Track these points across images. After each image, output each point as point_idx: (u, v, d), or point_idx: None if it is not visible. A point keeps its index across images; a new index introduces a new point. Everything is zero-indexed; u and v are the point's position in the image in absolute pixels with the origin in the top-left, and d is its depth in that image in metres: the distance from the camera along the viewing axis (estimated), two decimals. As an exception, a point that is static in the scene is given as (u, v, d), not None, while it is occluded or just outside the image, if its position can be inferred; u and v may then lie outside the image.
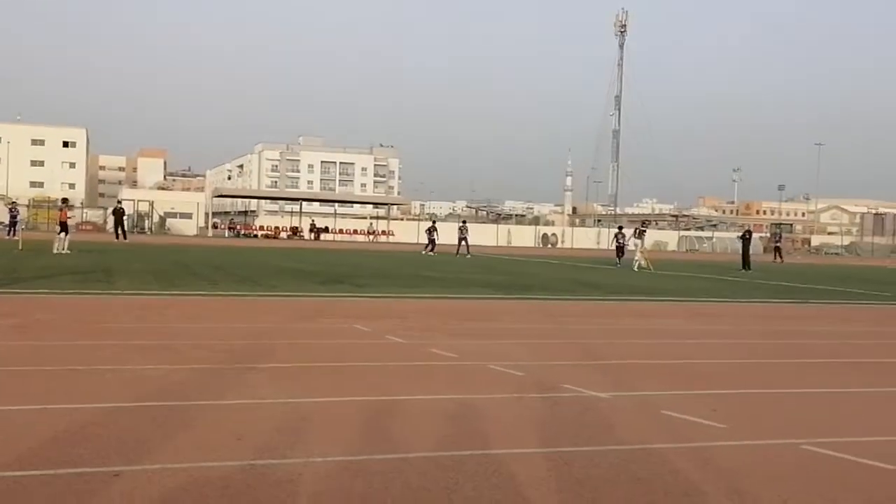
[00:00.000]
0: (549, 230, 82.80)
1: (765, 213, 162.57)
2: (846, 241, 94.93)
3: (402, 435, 5.23)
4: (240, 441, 4.88)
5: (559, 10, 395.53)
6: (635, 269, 29.51)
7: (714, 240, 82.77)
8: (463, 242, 40.90)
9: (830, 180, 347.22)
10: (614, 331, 11.56)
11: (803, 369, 8.91)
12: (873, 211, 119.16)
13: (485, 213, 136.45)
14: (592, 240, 75.71)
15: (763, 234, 70.62)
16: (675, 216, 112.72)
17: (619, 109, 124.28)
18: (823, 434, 5.67)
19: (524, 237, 76.89)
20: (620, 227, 45.08)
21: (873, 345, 11.15)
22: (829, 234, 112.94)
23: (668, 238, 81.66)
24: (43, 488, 3.92)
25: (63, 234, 27.04)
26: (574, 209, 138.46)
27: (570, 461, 4.76)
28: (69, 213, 29.27)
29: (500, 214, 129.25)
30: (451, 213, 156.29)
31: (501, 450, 4.92)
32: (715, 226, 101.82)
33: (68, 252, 26.23)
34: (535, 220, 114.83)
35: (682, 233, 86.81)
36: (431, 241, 41.79)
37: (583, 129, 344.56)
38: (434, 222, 48.99)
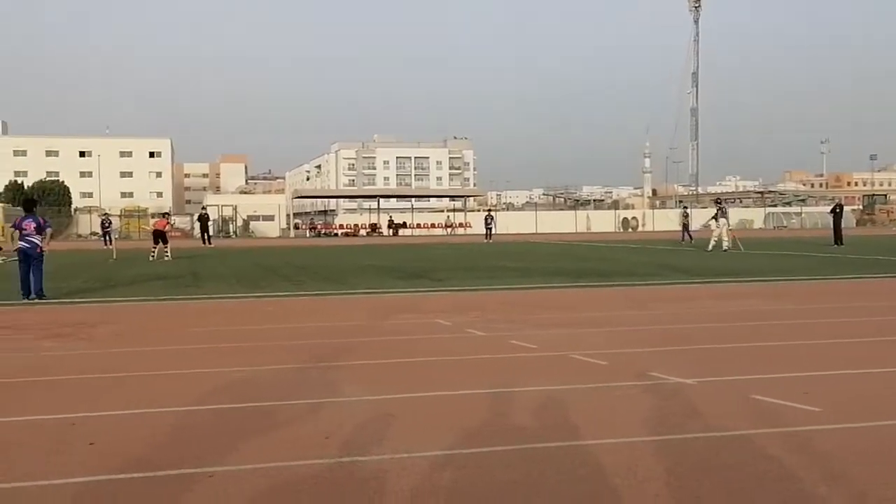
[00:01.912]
0: (628, 214, 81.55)
1: (856, 184, 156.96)
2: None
3: (487, 428, 5.25)
4: (328, 439, 4.97)
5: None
6: (710, 249, 28.71)
7: (803, 215, 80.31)
8: (489, 230, 48.53)
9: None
10: (699, 315, 11.36)
11: (900, 347, 8.60)
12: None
13: (562, 199, 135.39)
14: (674, 222, 74.12)
15: (855, 207, 68.25)
16: (761, 193, 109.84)
17: (697, 86, 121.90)
18: (923, 414, 5.47)
19: (603, 222, 75.99)
20: (685, 207, 45.23)
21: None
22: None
23: (754, 216, 79.61)
24: (144, 489, 4.06)
25: (162, 244, 28.26)
26: (654, 191, 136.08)
27: (657, 450, 4.70)
28: (167, 224, 30.50)
29: (577, 200, 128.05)
30: (527, 202, 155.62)
31: (587, 440, 4.90)
32: (803, 200, 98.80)
33: (168, 258, 27.48)
34: (615, 205, 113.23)
35: (769, 209, 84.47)
36: (489, 230, 48.25)
37: (660, 110, 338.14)
38: (490, 212, 57.44)
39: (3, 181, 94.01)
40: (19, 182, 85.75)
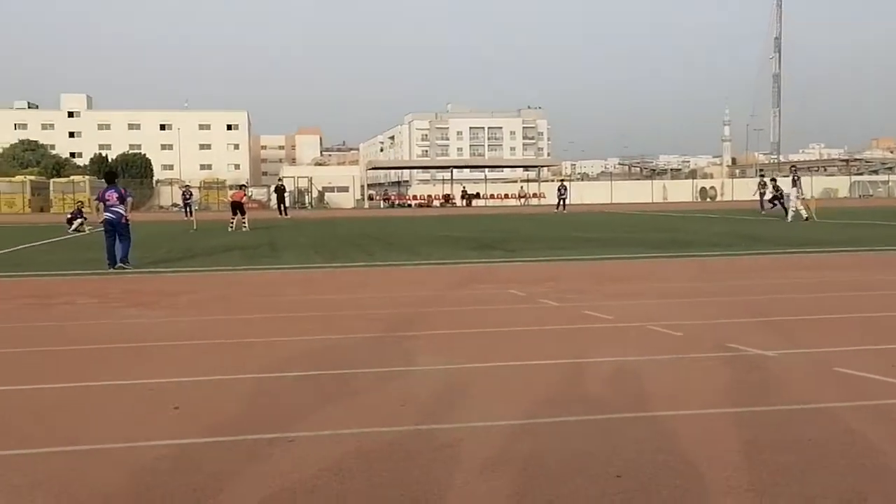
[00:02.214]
0: (707, 183, 79.90)
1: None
2: None
3: (562, 399, 5.24)
4: (403, 407, 5.03)
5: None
6: (788, 219, 28.00)
7: (890, 184, 77.57)
8: (562, 201, 47.18)
9: None
10: (780, 285, 11.09)
11: None
12: None
13: (638, 169, 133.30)
14: (754, 191, 72.52)
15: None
16: (846, 161, 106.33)
17: (780, 52, 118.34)
18: None
19: (681, 192, 74.61)
20: (762, 176, 43.53)
21: None
22: None
23: (839, 184, 77.20)
24: (227, 454, 4.18)
25: (240, 215, 28.73)
26: (733, 160, 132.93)
27: (736, 422, 4.63)
28: (244, 195, 30.94)
29: (654, 170, 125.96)
30: (602, 172, 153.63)
31: (664, 412, 4.85)
32: (891, 169, 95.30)
33: (246, 229, 27.93)
34: (692, 174, 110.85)
35: (854, 178, 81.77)
36: (562, 200, 47.12)
37: (740, 76, 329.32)
38: (563, 181, 57.66)
39: (88, 154, 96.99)
40: (104, 155, 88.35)
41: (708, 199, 72.07)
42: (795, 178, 29.83)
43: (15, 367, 6.44)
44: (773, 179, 37.89)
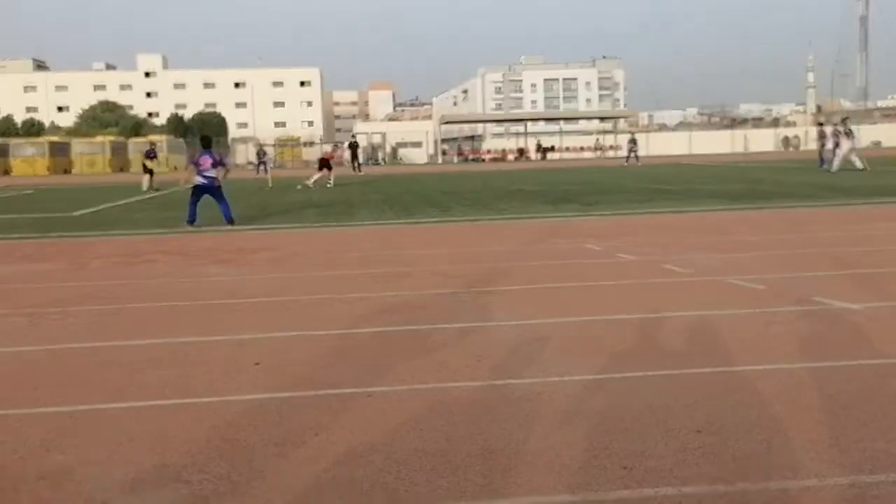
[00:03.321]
0: (789, 132, 77.46)
1: None
2: None
3: (640, 353, 5.20)
4: (479, 362, 5.06)
5: None
6: (833, 170, 27.00)
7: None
8: (633, 154, 46.10)
9: None
10: (865, 237, 10.74)
11: None
12: None
13: (718, 118, 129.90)
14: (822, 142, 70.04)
15: None
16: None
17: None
18: None
19: (762, 142, 72.60)
20: (821, 124, 40.01)
21: None
22: None
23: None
24: (307, 408, 4.27)
25: (326, 171, 29.12)
26: (818, 108, 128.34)
27: (819, 377, 4.53)
28: (334, 154, 31.35)
29: (734, 119, 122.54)
30: (681, 122, 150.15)
31: (745, 366, 4.77)
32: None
33: (331, 186, 28.36)
34: (775, 123, 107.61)
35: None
36: (633, 153, 46.11)
37: (825, 19, 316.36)
38: (633, 134, 55.47)
39: (165, 114, 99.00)
40: (180, 114, 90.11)
41: (791, 149, 69.97)
42: (847, 129, 28.78)
43: (107, 323, 6.68)
44: (822, 124, 36.42)
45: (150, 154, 30.64)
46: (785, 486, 3.15)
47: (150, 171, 29.70)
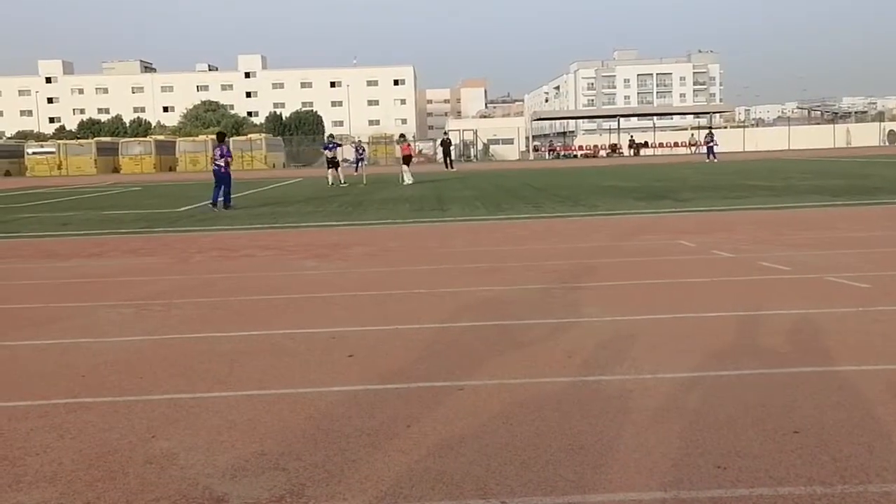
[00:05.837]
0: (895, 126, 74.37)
1: None
2: None
3: (735, 351, 5.10)
4: (570, 358, 5.04)
5: None
6: None
7: None
8: (709, 149, 44.89)
9: None
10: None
11: None
12: None
13: (819, 113, 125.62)
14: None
15: None
16: None
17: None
18: None
19: (866, 136, 69.92)
20: None
21: None
22: None
23: None
24: (399, 400, 4.34)
25: (406, 167, 29.55)
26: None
27: (926, 379, 4.36)
28: (410, 148, 31.63)
29: (836, 113, 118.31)
30: (779, 117, 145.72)
31: (845, 366, 4.63)
32: None
33: (411, 182, 28.60)
34: (879, 116, 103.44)
35: None
36: (710, 150, 45.00)
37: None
38: (710, 129, 53.02)
39: (264, 113, 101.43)
40: (278, 113, 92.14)
41: (897, 143, 67.15)
42: None
43: (208, 315, 6.91)
44: None
45: (329, 146, 30.60)
46: (887, 489, 3.05)
47: (335, 164, 29.97)
